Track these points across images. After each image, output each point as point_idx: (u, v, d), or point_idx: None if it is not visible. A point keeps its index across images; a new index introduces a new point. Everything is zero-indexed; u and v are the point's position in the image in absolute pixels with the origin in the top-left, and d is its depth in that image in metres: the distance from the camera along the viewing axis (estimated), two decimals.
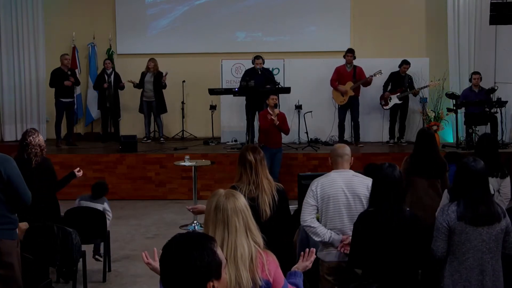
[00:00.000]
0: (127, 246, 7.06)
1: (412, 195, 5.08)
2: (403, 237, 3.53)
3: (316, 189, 4.10)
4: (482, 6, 10.92)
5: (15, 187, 4.11)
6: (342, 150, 4.23)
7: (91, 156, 9.71)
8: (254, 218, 2.76)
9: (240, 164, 4.07)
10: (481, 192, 3.61)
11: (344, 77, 10.30)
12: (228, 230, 2.62)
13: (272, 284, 2.67)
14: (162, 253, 2.01)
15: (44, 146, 5.19)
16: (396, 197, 3.59)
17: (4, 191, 4.09)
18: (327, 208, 4.07)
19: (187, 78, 11.54)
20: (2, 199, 4.09)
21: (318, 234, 4.04)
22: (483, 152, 5.11)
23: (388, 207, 3.56)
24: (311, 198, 4.10)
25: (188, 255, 1.93)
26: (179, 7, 12.03)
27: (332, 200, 4.05)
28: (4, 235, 4.11)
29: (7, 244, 4.11)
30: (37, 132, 5.20)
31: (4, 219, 4.12)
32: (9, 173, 4.08)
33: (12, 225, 4.19)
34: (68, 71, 10.44)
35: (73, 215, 5.78)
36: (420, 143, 5.31)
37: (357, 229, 3.67)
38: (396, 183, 3.61)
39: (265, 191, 3.97)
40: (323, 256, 4.11)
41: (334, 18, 11.71)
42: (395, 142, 10.66)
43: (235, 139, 10.86)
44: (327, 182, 4.11)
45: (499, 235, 3.58)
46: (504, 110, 10.24)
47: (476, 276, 3.56)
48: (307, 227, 4.10)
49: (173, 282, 1.95)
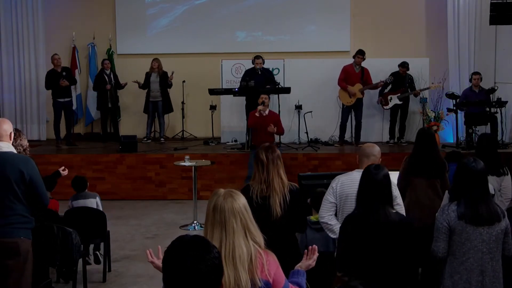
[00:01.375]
0: (127, 246, 7.06)
1: (410, 195, 5.07)
2: (390, 239, 3.48)
3: (336, 186, 4.16)
4: (482, 6, 10.92)
5: (37, 188, 4.18)
6: (369, 150, 4.27)
7: (91, 156, 9.71)
8: (265, 217, 2.75)
9: (255, 163, 4.10)
10: (481, 192, 3.61)
11: (352, 77, 10.26)
12: (225, 231, 2.61)
13: (272, 284, 2.66)
14: (165, 255, 2.00)
15: (26, 146, 5.17)
16: (383, 198, 3.56)
17: (25, 192, 4.14)
18: (344, 206, 4.11)
19: (187, 78, 11.54)
20: (22, 200, 4.14)
21: (334, 231, 4.09)
22: (483, 152, 5.11)
23: (374, 209, 3.52)
24: (331, 195, 4.16)
25: (195, 258, 1.93)
26: (179, 7, 12.03)
27: (350, 199, 4.06)
28: (24, 234, 4.17)
29: (25, 242, 4.17)
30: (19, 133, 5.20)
31: (24, 218, 4.18)
32: (31, 173, 4.14)
33: (30, 224, 4.25)
34: (62, 71, 10.41)
35: (73, 215, 5.78)
36: (420, 143, 5.30)
37: (344, 231, 3.66)
38: (381, 185, 3.56)
39: (276, 191, 3.96)
40: None
41: (334, 18, 11.70)
42: (395, 142, 10.66)
43: (235, 139, 10.86)
44: (348, 181, 4.14)
45: (499, 235, 3.58)
46: (504, 110, 10.24)
47: (476, 276, 3.56)
48: (324, 224, 4.16)
49: (177, 284, 1.95)
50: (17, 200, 4.12)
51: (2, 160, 4.11)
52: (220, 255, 2.03)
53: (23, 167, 4.12)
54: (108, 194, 8.97)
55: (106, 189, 9.15)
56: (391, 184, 3.65)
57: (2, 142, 4.19)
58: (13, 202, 4.10)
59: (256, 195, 3.92)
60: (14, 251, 4.11)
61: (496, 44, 11.15)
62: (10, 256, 4.09)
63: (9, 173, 4.07)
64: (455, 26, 11.27)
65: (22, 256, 4.14)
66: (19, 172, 4.09)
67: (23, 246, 4.14)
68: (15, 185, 4.08)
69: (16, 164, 4.11)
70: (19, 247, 4.12)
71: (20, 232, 4.15)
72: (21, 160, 4.20)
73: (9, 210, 4.10)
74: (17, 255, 4.12)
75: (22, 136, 5.16)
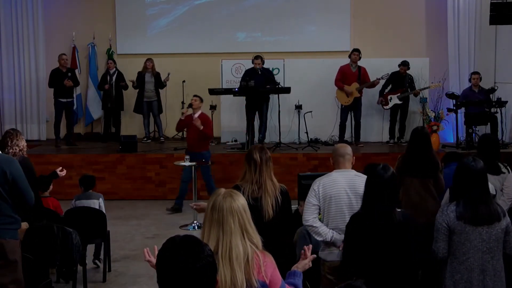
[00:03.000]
0: (127, 246, 7.06)
1: (403, 195, 5.07)
2: (395, 239, 3.50)
3: (318, 188, 4.11)
4: (482, 6, 10.92)
5: (20, 188, 4.16)
6: (343, 150, 4.24)
7: (91, 156, 9.71)
8: (257, 219, 2.75)
9: (245, 162, 4.08)
10: (480, 191, 3.61)
11: (349, 77, 10.27)
12: (223, 230, 2.61)
13: (268, 285, 2.66)
14: (158, 258, 2.00)
15: (23, 146, 5.18)
16: (389, 198, 3.56)
17: (9, 192, 4.12)
18: (329, 207, 4.08)
19: (187, 78, 11.53)
20: (7, 200, 4.13)
21: (320, 233, 4.05)
22: (485, 152, 5.10)
23: (381, 209, 3.54)
24: (313, 197, 4.11)
25: (189, 258, 1.93)
26: (179, 7, 12.03)
27: (334, 200, 4.06)
28: (9, 235, 4.15)
29: (11, 243, 4.15)
30: (16, 132, 5.21)
31: (9, 219, 4.16)
32: (14, 174, 4.12)
33: (16, 225, 4.24)
34: (67, 71, 10.44)
35: (73, 215, 5.78)
36: (414, 142, 5.29)
37: (350, 230, 3.66)
38: (389, 184, 3.57)
39: (268, 193, 3.96)
40: (325, 255, 4.12)
41: (334, 18, 11.70)
42: (395, 142, 10.66)
43: (235, 139, 10.86)
44: (329, 182, 4.11)
45: (499, 234, 3.58)
46: (504, 110, 10.24)
47: (477, 276, 3.56)
48: (309, 227, 4.11)
49: (171, 284, 1.95)
50: (2, 201, 4.11)
51: None
52: (213, 253, 2.03)
53: (6, 167, 4.09)
54: (108, 194, 8.92)
55: (106, 189, 9.13)
56: (397, 185, 3.65)
57: None
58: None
59: (247, 195, 3.91)
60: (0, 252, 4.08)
61: (496, 44, 11.15)
62: None
63: None
64: (455, 26, 11.27)
65: (9, 257, 4.11)
66: (2, 172, 4.07)
67: (8, 247, 4.11)
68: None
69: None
70: (5, 248, 4.10)
71: (5, 233, 4.12)
72: (4, 160, 4.17)
73: None
74: (2, 256, 4.09)
75: (20, 136, 5.17)
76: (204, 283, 1.95)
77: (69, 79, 10.35)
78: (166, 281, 1.96)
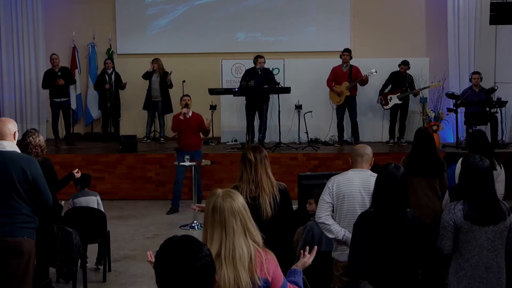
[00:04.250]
0: (127, 246, 7.06)
1: (410, 195, 5.06)
2: (404, 238, 3.52)
3: (332, 186, 4.15)
4: (482, 6, 10.93)
5: (39, 188, 4.18)
6: (362, 150, 4.27)
7: (91, 156, 9.71)
8: (255, 217, 2.75)
9: (241, 163, 4.08)
10: (487, 191, 3.60)
11: (340, 77, 10.29)
12: (225, 232, 2.61)
13: (271, 283, 2.66)
14: (156, 260, 2.00)
15: (44, 146, 5.21)
16: (399, 198, 3.58)
17: (28, 192, 4.15)
18: (341, 206, 4.12)
19: (187, 78, 11.53)
20: (26, 200, 4.15)
21: (332, 231, 4.09)
22: (477, 148, 5.10)
23: (391, 208, 3.55)
24: (327, 195, 4.15)
25: (187, 258, 1.93)
26: (179, 7, 12.04)
27: (347, 199, 4.09)
28: (27, 234, 4.17)
29: (29, 242, 4.18)
30: (37, 133, 5.22)
31: (27, 218, 4.18)
32: (34, 173, 4.15)
33: (34, 224, 4.25)
34: (59, 71, 10.40)
35: (73, 215, 5.78)
36: (418, 143, 5.29)
37: (358, 229, 3.67)
38: (402, 183, 3.59)
39: (265, 191, 3.97)
40: (337, 256, 4.15)
41: (334, 18, 11.70)
42: (395, 142, 10.66)
43: (235, 139, 10.86)
44: (344, 180, 4.15)
45: (503, 232, 3.60)
46: (504, 110, 10.25)
47: (481, 273, 3.58)
48: (321, 224, 4.15)
49: (169, 284, 1.94)
50: (21, 200, 4.13)
51: (5, 159, 4.11)
52: (211, 253, 2.03)
53: (26, 166, 4.12)
54: (108, 194, 8.96)
55: (106, 189, 9.15)
56: (408, 184, 3.65)
57: (6, 142, 4.18)
58: (17, 202, 4.11)
59: (245, 195, 3.91)
60: (18, 250, 4.11)
61: (496, 44, 11.15)
62: (14, 255, 4.10)
63: (12, 172, 4.07)
64: (455, 26, 11.27)
65: (25, 256, 4.14)
66: (22, 171, 4.10)
67: (26, 246, 4.15)
68: (19, 185, 4.09)
69: (19, 163, 4.12)
70: (23, 246, 4.13)
71: (23, 231, 4.15)
72: (25, 159, 4.20)
73: (13, 209, 4.10)
74: (20, 255, 4.12)
75: (40, 136, 5.19)
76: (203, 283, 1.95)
77: (60, 78, 10.33)
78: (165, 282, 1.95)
